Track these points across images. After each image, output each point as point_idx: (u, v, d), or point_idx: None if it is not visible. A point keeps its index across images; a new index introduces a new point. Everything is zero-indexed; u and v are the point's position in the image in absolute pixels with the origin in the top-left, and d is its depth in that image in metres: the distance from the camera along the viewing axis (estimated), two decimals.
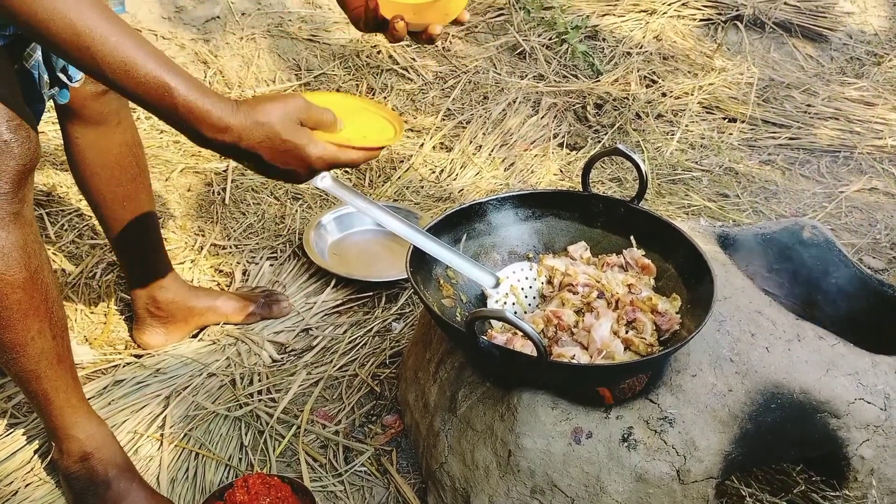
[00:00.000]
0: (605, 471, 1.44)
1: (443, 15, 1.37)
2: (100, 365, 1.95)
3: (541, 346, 1.31)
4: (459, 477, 1.55)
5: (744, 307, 1.65)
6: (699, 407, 1.48)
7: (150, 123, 2.86)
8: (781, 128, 3.15)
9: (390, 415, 1.85)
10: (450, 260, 1.60)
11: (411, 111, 3.09)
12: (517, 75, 3.32)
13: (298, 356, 2.02)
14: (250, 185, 2.63)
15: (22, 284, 1.33)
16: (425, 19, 1.35)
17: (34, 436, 1.73)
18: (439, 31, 1.36)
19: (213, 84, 3.06)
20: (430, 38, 1.36)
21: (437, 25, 1.35)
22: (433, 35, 1.36)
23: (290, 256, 2.35)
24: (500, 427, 1.50)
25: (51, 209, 2.41)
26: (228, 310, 2.06)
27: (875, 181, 2.88)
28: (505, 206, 1.76)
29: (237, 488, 1.54)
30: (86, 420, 1.54)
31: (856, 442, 1.56)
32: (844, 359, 1.60)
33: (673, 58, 3.50)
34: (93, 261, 2.23)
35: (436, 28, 1.35)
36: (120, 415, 1.81)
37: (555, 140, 2.98)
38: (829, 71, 3.60)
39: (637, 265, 1.68)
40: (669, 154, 2.97)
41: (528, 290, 1.69)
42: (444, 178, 2.76)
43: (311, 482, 1.70)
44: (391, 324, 2.12)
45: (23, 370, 1.42)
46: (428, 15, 1.35)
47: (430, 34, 1.35)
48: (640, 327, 1.55)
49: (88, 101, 1.66)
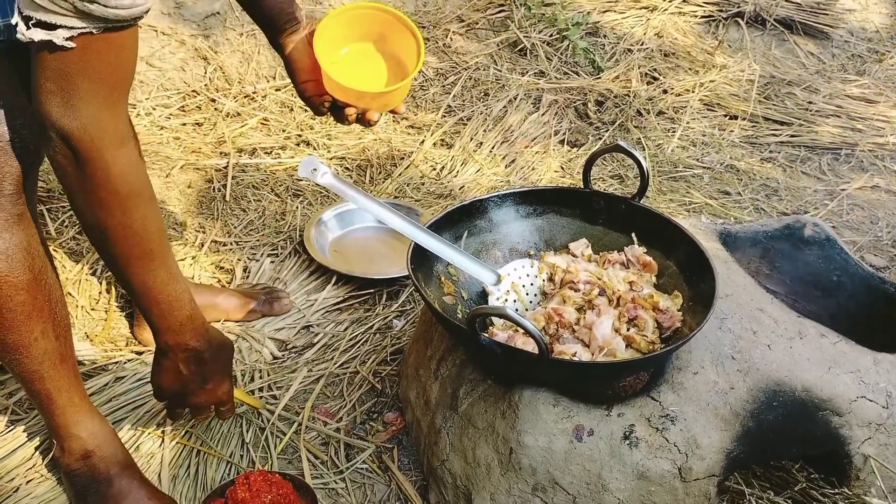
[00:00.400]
0: (606, 468, 1.44)
1: (382, 105, 1.52)
2: (101, 362, 1.95)
3: (542, 343, 1.31)
4: (461, 474, 1.55)
5: (745, 305, 1.65)
6: (701, 405, 1.48)
7: (150, 120, 2.86)
8: (783, 125, 3.15)
9: (391, 412, 1.85)
10: (451, 257, 1.60)
11: (412, 108, 3.09)
12: (518, 72, 3.32)
13: (299, 353, 2.02)
14: (251, 182, 2.63)
15: (26, 286, 1.33)
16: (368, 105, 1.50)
17: (35, 433, 1.73)
18: (377, 119, 1.50)
19: (214, 80, 3.06)
20: (367, 122, 1.50)
21: (376, 113, 1.49)
22: (370, 120, 1.50)
23: (290, 253, 2.35)
24: (501, 424, 1.49)
25: (51, 205, 2.40)
26: (229, 307, 2.06)
27: (877, 178, 2.88)
28: (506, 203, 1.76)
29: (238, 485, 1.54)
30: (88, 418, 1.54)
31: (858, 440, 1.56)
32: (846, 357, 1.60)
33: (674, 55, 3.50)
34: (93, 257, 2.22)
35: (374, 115, 1.49)
36: (121, 412, 1.81)
37: (556, 137, 2.98)
38: (831, 68, 3.59)
39: (638, 262, 1.67)
40: (671, 151, 2.97)
41: (530, 287, 1.69)
42: (445, 174, 2.75)
43: (313, 479, 1.70)
44: (392, 321, 2.12)
45: (26, 370, 1.42)
46: (370, 103, 1.50)
47: (368, 119, 1.50)
48: (642, 325, 1.55)
49: None
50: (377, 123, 1.52)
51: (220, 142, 2.80)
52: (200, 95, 3.00)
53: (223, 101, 2.97)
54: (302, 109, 3.00)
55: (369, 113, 1.48)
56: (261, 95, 3.03)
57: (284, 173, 2.69)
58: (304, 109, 3.00)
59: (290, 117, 2.96)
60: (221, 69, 3.10)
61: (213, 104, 2.98)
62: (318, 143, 2.84)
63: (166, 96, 2.98)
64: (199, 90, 3.02)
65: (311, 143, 2.84)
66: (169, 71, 3.06)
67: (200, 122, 2.90)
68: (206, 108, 2.96)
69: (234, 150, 2.76)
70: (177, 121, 2.89)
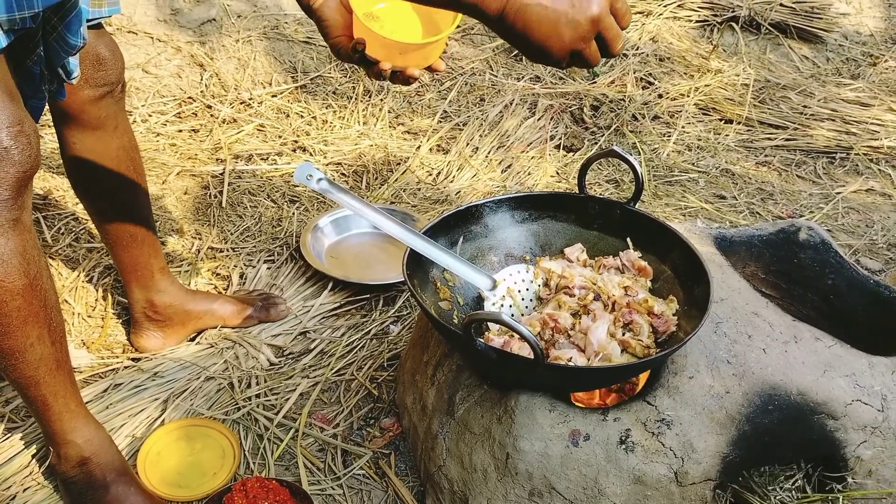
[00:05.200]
0: (602, 473, 1.44)
1: (423, 59, 1.44)
2: (97, 369, 1.95)
3: (537, 348, 1.31)
4: (457, 480, 1.55)
5: (740, 309, 1.65)
6: (696, 409, 1.48)
7: (146, 127, 2.86)
8: (778, 129, 3.16)
9: (388, 418, 1.85)
10: (446, 262, 1.60)
11: (408, 113, 3.10)
12: (514, 77, 3.33)
13: (296, 359, 2.02)
14: (247, 188, 2.63)
15: (21, 291, 1.32)
16: (407, 62, 1.41)
17: (32, 440, 1.73)
18: (418, 75, 1.41)
19: (210, 86, 3.06)
20: (407, 80, 1.41)
21: (416, 69, 1.41)
22: (411, 77, 1.41)
23: (287, 259, 2.35)
24: (497, 430, 1.50)
25: (47, 213, 2.40)
26: (226, 313, 2.06)
27: (871, 182, 2.88)
28: (501, 209, 1.77)
29: (235, 492, 1.54)
30: (84, 425, 1.54)
31: (853, 443, 1.57)
32: (841, 360, 1.61)
33: (669, 59, 3.51)
34: (90, 264, 2.23)
35: (414, 71, 1.40)
36: (118, 419, 1.81)
37: (551, 142, 2.98)
38: (825, 72, 3.60)
39: (633, 267, 1.68)
40: (666, 156, 2.97)
41: (525, 292, 1.70)
42: (441, 180, 2.76)
43: (310, 486, 1.70)
44: (389, 327, 2.12)
45: (21, 376, 1.42)
46: (410, 58, 1.42)
47: (409, 75, 1.40)
48: (637, 329, 1.55)
49: (86, 106, 1.66)
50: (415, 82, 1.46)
51: (217, 148, 2.81)
52: (196, 102, 3.01)
53: (219, 108, 2.97)
54: (298, 115, 3.00)
55: (410, 69, 1.39)
56: (257, 102, 3.03)
57: (281, 179, 2.69)
58: (299, 115, 3.00)
59: (286, 123, 2.97)
60: (217, 75, 3.11)
61: (209, 111, 2.98)
62: (314, 149, 2.85)
63: (162, 103, 2.98)
64: (195, 97, 3.02)
65: (307, 149, 2.84)
66: (165, 77, 3.07)
67: (196, 129, 2.91)
68: (202, 115, 2.97)
69: (231, 156, 2.76)
70: (173, 127, 2.89)
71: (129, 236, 1.84)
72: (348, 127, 2.99)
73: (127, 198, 1.81)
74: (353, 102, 3.09)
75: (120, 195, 1.80)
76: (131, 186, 1.81)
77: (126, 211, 1.82)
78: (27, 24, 1.25)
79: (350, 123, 3.00)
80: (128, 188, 1.80)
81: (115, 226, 1.82)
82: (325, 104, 3.08)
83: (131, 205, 1.83)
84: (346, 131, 2.96)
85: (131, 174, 1.79)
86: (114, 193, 1.79)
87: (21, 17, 1.23)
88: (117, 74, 1.68)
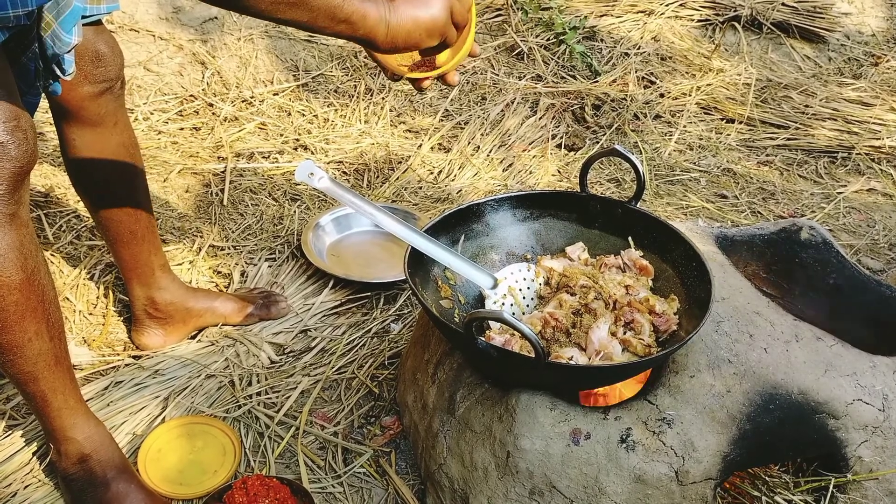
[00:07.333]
0: (603, 472, 1.44)
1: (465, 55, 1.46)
2: (98, 366, 1.95)
3: (538, 347, 1.31)
4: (458, 478, 1.55)
5: (742, 308, 1.65)
6: (697, 408, 1.48)
7: (147, 125, 2.86)
8: (779, 128, 3.15)
9: (389, 416, 1.85)
10: (448, 261, 1.60)
11: (409, 112, 3.09)
12: (515, 76, 3.32)
13: (297, 357, 2.02)
14: (248, 186, 2.63)
15: (19, 286, 1.32)
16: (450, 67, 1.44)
17: (33, 437, 1.73)
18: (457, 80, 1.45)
19: (212, 85, 3.06)
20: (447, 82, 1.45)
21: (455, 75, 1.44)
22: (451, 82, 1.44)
23: (288, 257, 2.35)
24: (498, 428, 1.50)
25: (49, 210, 2.40)
26: (227, 311, 2.06)
27: (873, 182, 2.88)
28: (503, 207, 1.76)
29: (236, 490, 1.54)
30: (84, 421, 1.54)
31: (854, 443, 1.57)
32: (842, 359, 1.60)
33: (671, 58, 3.50)
34: (91, 262, 2.23)
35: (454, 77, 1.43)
36: (118, 416, 1.81)
37: (553, 141, 2.98)
38: (827, 72, 3.60)
39: (635, 266, 1.68)
40: (667, 155, 2.97)
41: (526, 291, 1.69)
42: (443, 178, 2.76)
43: (310, 483, 1.70)
44: (390, 325, 2.12)
45: (20, 372, 1.42)
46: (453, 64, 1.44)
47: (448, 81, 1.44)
48: (638, 328, 1.55)
49: (86, 103, 1.66)
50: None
51: (218, 146, 2.80)
52: (198, 100, 3.01)
53: (221, 106, 2.97)
54: (299, 114, 3.00)
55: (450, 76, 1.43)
56: (258, 100, 3.03)
57: (282, 178, 2.69)
58: (301, 114, 3.00)
59: (288, 122, 2.97)
60: (219, 74, 3.10)
61: (210, 109, 2.98)
62: (316, 148, 2.85)
63: (164, 101, 2.98)
64: (196, 95, 3.02)
65: (309, 148, 2.84)
66: (167, 75, 3.07)
67: (198, 127, 2.91)
68: (203, 113, 2.97)
69: (232, 154, 2.76)
70: (174, 125, 2.89)
71: (130, 233, 1.84)
72: (350, 125, 2.99)
73: (127, 194, 1.81)
74: (355, 101, 3.09)
75: (120, 191, 1.80)
76: (131, 183, 1.81)
77: (126, 207, 1.82)
78: (22, 22, 1.25)
79: (351, 122, 3.00)
80: (127, 185, 1.80)
81: (116, 223, 1.82)
82: (326, 102, 3.08)
83: (131, 201, 1.82)
84: (348, 130, 2.96)
85: (131, 171, 1.79)
86: (113, 190, 1.79)
87: (16, 14, 1.23)
88: (116, 71, 1.68)
